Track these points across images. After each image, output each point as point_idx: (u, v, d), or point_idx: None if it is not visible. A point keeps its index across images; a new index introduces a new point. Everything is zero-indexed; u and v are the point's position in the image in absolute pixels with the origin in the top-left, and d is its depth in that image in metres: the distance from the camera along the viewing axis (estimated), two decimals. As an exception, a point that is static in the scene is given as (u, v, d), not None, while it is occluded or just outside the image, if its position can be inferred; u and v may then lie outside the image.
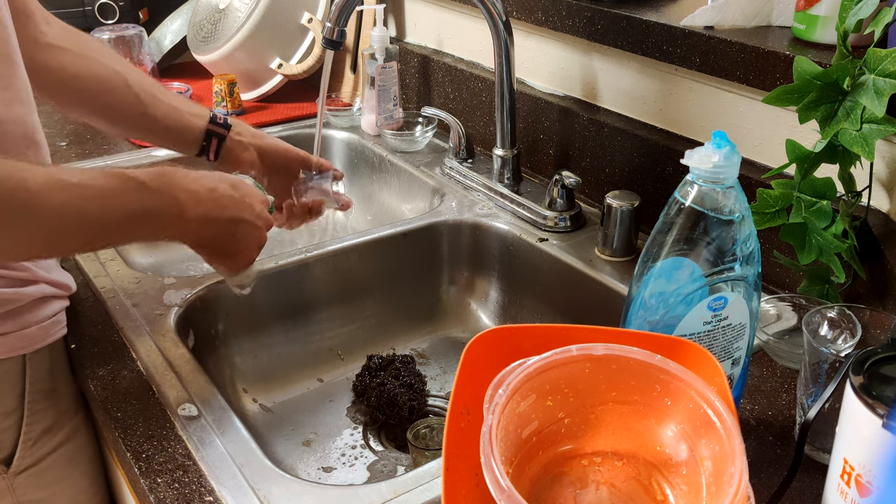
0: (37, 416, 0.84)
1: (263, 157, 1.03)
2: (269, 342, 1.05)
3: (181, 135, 0.98)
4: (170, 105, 0.97)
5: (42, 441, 0.85)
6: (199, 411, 0.76)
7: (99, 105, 0.94)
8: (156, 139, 1.01)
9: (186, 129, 0.98)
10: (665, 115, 1.06)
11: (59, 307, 0.86)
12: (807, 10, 0.88)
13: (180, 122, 0.98)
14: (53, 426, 0.86)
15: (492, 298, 1.16)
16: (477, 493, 0.54)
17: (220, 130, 0.99)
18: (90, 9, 1.71)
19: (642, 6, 1.05)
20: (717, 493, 0.52)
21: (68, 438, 0.88)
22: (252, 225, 0.83)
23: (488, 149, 1.26)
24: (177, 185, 0.76)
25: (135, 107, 0.94)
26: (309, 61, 1.51)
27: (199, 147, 0.99)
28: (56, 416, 0.86)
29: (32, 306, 0.82)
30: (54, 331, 0.84)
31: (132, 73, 0.96)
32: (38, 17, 0.88)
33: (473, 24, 1.34)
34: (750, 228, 0.64)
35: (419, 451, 0.91)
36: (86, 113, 0.95)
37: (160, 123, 0.96)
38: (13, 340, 0.80)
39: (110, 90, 0.93)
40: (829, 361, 0.66)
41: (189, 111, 0.98)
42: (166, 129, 0.97)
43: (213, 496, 0.67)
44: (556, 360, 0.57)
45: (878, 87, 0.73)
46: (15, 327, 0.80)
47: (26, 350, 0.82)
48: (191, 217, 0.76)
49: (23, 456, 0.83)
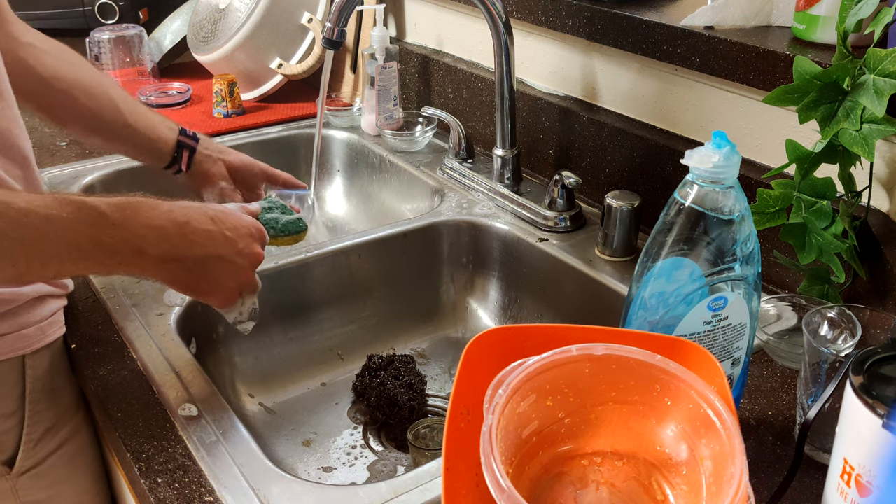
0: (38, 417, 0.84)
1: (231, 172, 1.03)
2: (270, 342, 1.05)
3: (155, 146, 0.98)
4: (146, 116, 0.98)
5: (44, 441, 0.85)
6: (199, 411, 0.76)
7: (81, 111, 0.92)
8: (129, 150, 1.00)
9: (161, 141, 0.98)
10: (665, 115, 1.06)
11: (57, 306, 0.86)
12: (807, 10, 0.88)
13: (156, 134, 0.97)
14: (54, 426, 0.85)
15: (492, 298, 1.16)
16: (477, 493, 0.54)
17: (191, 143, 1.00)
18: (90, 9, 1.71)
19: (642, 6, 1.05)
20: (717, 493, 0.52)
21: (69, 438, 0.88)
22: (229, 263, 0.76)
23: (488, 149, 1.26)
24: (140, 219, 0.70)
25: (115, 115, 0.93)
26: (309, 61, 1.51)
27: (171, 158, 0.99)
28: (57, 415, 0.86)
29: (30, 306, 0.82)
30: (52, 331, 0.84)
31: (111, 81, 0.97)
32: (10, 15, 0.87)
33: (473, 24, 1.34)
34: (750, 228, 0.64)
35: (419, 451, 0.91)
36: (66, 117, 0.93)
37: (137, 134, 0.96)
38: (12, 341, 0.80)
39: (93, 96, 0.92)
40: (829, 361, 0.66)
41: (163, 122, 0.99)
42: (142, 141, 0.97)
43: (213, 496, 0.67)
44: (556, 360, 0.57)
45: (878, 87, 0.73)
46: (13, 328, 0.80)
47: (25, 351, 0.81)
48: (152, 255, 0.70)
49: (25, 457, 0.83)
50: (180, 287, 0.76)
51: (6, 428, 0.82)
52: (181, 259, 0.73)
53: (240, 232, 0.77)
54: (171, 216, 0.72)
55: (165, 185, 1.32)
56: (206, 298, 0.79)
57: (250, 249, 0.78)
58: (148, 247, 0.70)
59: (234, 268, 0.77)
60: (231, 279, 0.77)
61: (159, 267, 0.72)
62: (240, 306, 0.81)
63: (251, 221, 0.80)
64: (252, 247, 0.78)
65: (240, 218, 0.79)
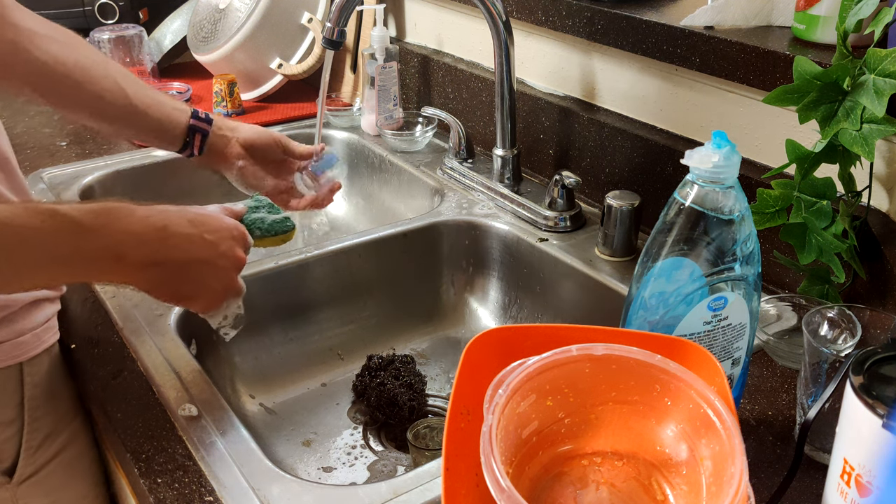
0: (37, 424, 0.83)
1: (247, 148, 1.00)
2: (269, 342, 1.05)
3: (165, 129, 0.95)
4: (154, 98, 0.94)
5: (43, 448, 0.84)
6: (199, 411, 0.76)
7: (84, 95, 0.89)
8: (139, 134, 0.97)
9: (171, 124, 0.95)
10: (665, 115, 1.06)
11: (52, 311, 0.85)
12: (807, 10, 0.88)
13: (165, 115, 0.94)
14: (53, 432, 0.85)
15: (492, 298, 1.16)
16: (477, 493, 0.54)
17: (204, 126, 0.96)
18: (90, 9, 1.71)
19: (642, 6, 1.05)
20: (717, 493, 0.52)
21: (68, 443, 0.87)
22: (212, 266, 0.74)
23: (488, 149, 1.26)
24: (117, 225, 0.67)
25: (119, 98, 0.90)
26: (309, 61, 1.51)
27: (182, 143, 0.96)
28: (55, 421, 0.85)
29: (26, 312, 0.81)
30: (48, 336, 0.83)
31: (114, 65, 0.93)
32: (10, 1, 0.85)
33: (473, 24, 1.34)
34: (750, 228, 0.64)
35: (419, 451, 0.91)
36: (69, 104, 0.91)
37: (145, 117, 0.93)
38: (8, 349, 0.79)
39: (95, 79, 0.89)
40: (829, 361, 0.66)
41: (172, 105, 0.96)
42: (151, 123, 0.94)
43: (214, 496, 0.67)
44: (556, 360, 0.57)
45: (878, 87, 0.73)
46: (10, 335, 0.79)
47: (22, 358, 0.81)
48: (132, 261, 0.68)
49: (25, 465, 0.82)
50: (161, 294, 0.73)
51: (6, 436, 0.81)
52: (162, 264, 0.70)
53: (221, 235, 0.75)
54: (149, 221, 0.70)
55: (166, 185, 1.33)
56: (188, 304, 0.77)
57: (232, 252, 0.76)
58: (127, 252, 0.68)
59: (216, 271, 0.75)
60: (214, 283, 0.76)
61: (139, 273, 0.70)
62: (224, 310, 0.79)
63: (233, 224, 0.78)
64: (234, 250, 0.76)
65: (220, 220, 0.76)
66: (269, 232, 0.87)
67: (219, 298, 0.77)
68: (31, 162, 1.30)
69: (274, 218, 0.88)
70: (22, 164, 1.27)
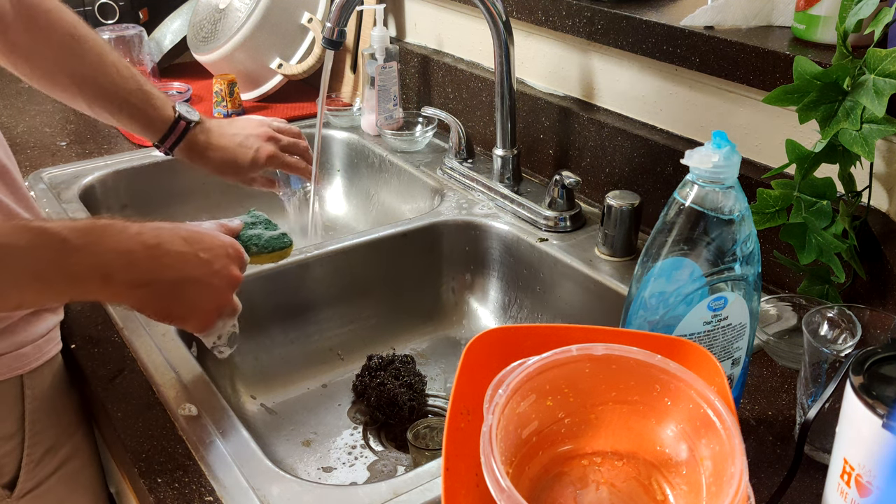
0: (38, 437, 0.81)
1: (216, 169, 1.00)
2: (269, 342, 1.05)
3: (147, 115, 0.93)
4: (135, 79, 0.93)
5: (44, 461, 0.83)
6: (199, 411, 0.76)
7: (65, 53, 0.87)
8: (121, 115, 0.94)
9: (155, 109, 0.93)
10: (665, 115, 1.06)
11: (54, 322, 0.83)
12: (807, 10, 0.88)
13: (147, 99, 0.92)
14: (54, 445, 0.84)
15: (492, 298, 1.16)
16: (477, 493, 0.54)
17: (180, 130, 0.96)
18: (90, 9, 1.71)
19: (642, 6, 1.05)
20: (717, 493, 0.52)
21: (70, 457, 0.86)
22: (205, 285, 0.72)
23: (488, 149, 1.26)
24: (106, 244, 0.66)
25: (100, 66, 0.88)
26: (309, 61, 1.51)
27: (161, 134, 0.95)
28: (57, 434, 0.84)
29: (26, 323, 0.79)
30: (49, 348, 0.82)
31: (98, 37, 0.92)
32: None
33: (473, 24, 1.34)
34: (750, 228, 0.64)
35: (419, 451, 0.91)
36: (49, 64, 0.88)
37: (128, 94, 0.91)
38: (9, 361, 0.78)
39: (78, 38, 0.87)
40: (829, 361, 0.66)
41: (160, 94, 0.95)
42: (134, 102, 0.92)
43: (214, 496, 0.67)
44: (556, 360, 0.57)
45: (878, 87, 0.73)
46: (10, 347, 0.77)
47: (23, 370, 0.79)
48: (120, 280, 0.67)
49: (26, 479, 0.81)
50: (152, 313, 0.72)
51: (7, 450, 0.79)
52: (151, 284, 0.69)
53: (216, 252, 0.73)
54: (141, 239, 0.68)
55: (166, 185, 1.33)
56: (181, 324, 0.75)
57: (227, 271, 0.74)
58: (115, 272, 0.66)
59: (210, 290, 0.73)
60: (208, 302, 0.74)
61: (128, 293, 0.68)
62: (219, 330, 0.78)
63: (228, 241, 0.76)
64: (229, 268, 0.74)
65: (215, 237, 0.75)
66: (265, 248, 0.85)
67: (213, 318, 0.75)
68: (32, 162, 1.30)
69: (271, 234, 0.87)
70: (22, 165, 1.28)
